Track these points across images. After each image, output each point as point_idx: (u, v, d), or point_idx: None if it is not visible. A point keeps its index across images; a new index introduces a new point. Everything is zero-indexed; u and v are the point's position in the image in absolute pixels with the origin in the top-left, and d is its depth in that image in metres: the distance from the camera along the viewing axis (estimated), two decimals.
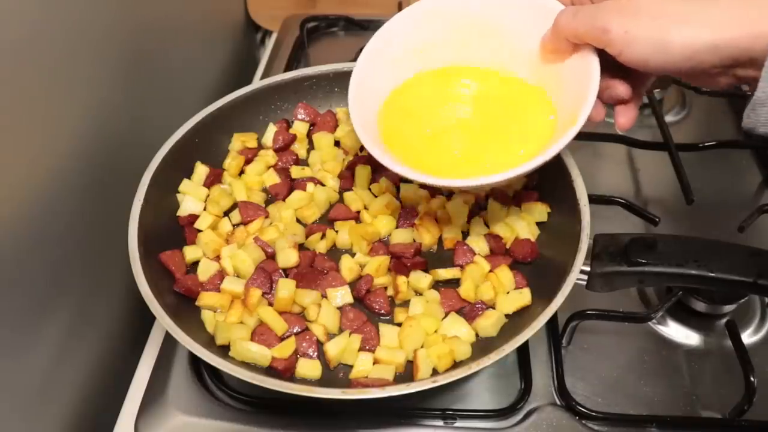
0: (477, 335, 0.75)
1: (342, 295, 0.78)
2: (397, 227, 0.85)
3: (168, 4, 1.07)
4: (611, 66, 0.64)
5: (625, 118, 0.68)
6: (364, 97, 0.76)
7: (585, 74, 0.65)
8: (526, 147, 0.71)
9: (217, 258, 0.81)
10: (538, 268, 0.81)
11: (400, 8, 1.38)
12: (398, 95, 0.78)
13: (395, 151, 0.73)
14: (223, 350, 0.72)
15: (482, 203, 0.88)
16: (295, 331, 0.75)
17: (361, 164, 0.91)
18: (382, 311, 0.77)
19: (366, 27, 1.38)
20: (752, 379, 0.73)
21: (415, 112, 0.77)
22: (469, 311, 0.77)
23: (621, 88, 0.66)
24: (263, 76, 1.27)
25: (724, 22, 0.54)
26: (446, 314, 0.76)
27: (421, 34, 0.78)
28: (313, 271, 0.80)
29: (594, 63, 0.65)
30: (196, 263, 0.81)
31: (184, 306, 0.76)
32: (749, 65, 0.56)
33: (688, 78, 0.60)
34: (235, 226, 0.85)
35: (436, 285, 0.80)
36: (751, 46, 0.53)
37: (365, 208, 0.87)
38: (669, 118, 1.17)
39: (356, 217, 0.86)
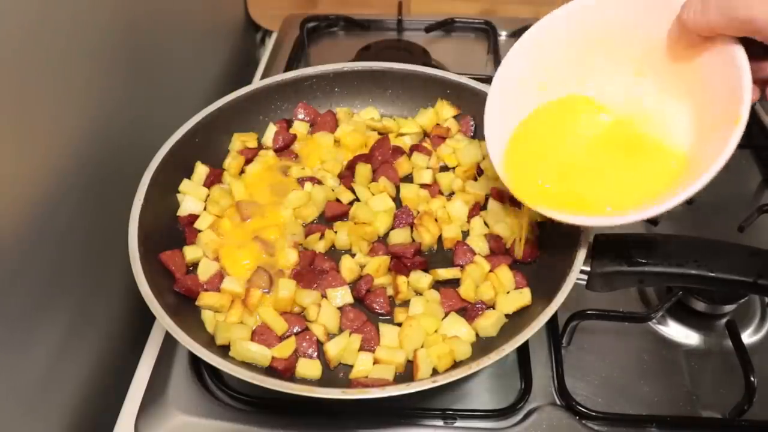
0: (477, 335, 0.75)
1: (342, 295, 0.78)
2: (393, 227, 0.85)
3: (168, 5, 1.07)
4: (755, 47, 0.57)
5: None
6: (497, 129, 0.73)
7: (730, 68, 0.59)
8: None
9: (217, 258, 0.81)
10: (538, 268, 0.81)
11: (399, 8, 1.39)
12: (524, 128, 0.74)
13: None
14: (223, 350, 0.72)
15: (482, 203, 0.88)
16: (295, 331, 0.75)
17: (361, 162, 0.91)
18: (382, 311, 0.77)
19: (366, 27, 1.38)
20: (752, 379, 0.73)
21: (540, 147, 0.72)
22: (469, 311, 0.77)
23: None
24: (263, 76, 1.27)
25: None
26: (446, 314, 0.76)
27: (543, 61, 0.72)
28: (313, 271, 0.80)
29: (739, 54, 0.58)
30: (196, 263, 0.81)
31: (184, 306, 0.76)
32: None
33: None
34: (235, 226, 0.85)
35: (436, 285, 0.80)
36: None
37: (357, 199, 0.87)
38: None
39: (348, 210, 0.87)
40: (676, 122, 0.67)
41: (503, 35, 1.37)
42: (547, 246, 0.82)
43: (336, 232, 0.85)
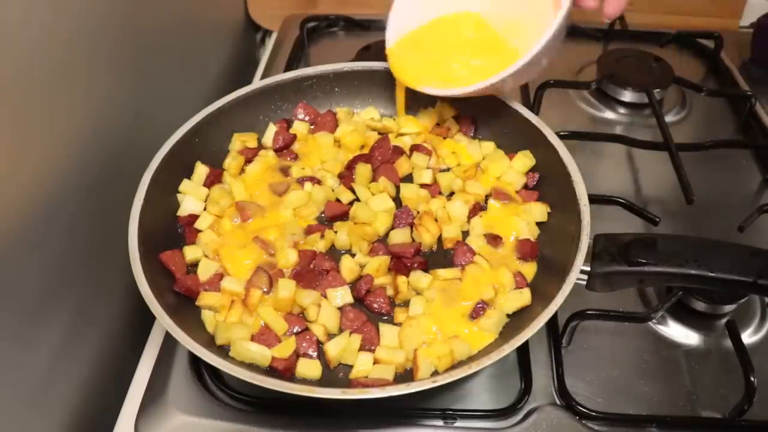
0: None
1: (342, 295, 0.78)
2: (393, 227, 0.85)
3: (168, 5, 1.07)
4: None
5: (611, 6, 0.73)
6: (400, 20, 0.92)
7: None
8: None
9: (217, 258, 0.81)
10: (538, 268, 0.81)
11: None
12: (421, 30, 0.93)
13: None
14: (223, 350, 0.72)
15: (482, 203, 0.88)
16: (295, 331, 0.75)
17: (361, 162, 0.91)
18: (382, 311, 0.77)
19: (366, 27, 1.38)
20: (752, 379, 0.73)
21: (426, 44, 0.92)
22: (469, 311, 0.77)
23: None
24: (263, 76, 1.27)
25: None
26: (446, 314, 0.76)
27: None
28: (313, 271, 0.80)
29: None
30: (196, 263, 0.81)
31: (184, 306, 0.76)
32: None
33: None
34: (235, 226, 0.85)
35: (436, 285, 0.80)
36: None
37: (357, 199, 0.88)
38: (669, 118, 1.17)
39: (348, 210, 0.87)
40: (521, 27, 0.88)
41: None
42: (547, 246, 0.82)
43: (336, 232, 0.84)
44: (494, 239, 0.83)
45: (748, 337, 0.84)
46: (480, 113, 0.97)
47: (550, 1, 0.83)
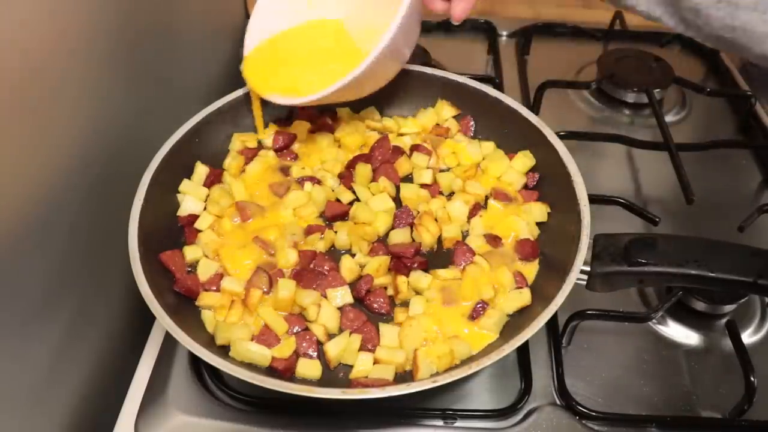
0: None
1: (342, 295, 0.78)
2: (393, 227, 0.85)
3: (168, 5, 1.07)
4: None
5: (458, 9, 0.75)
6: (259, 27, 0.93)
7: None
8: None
9: (217, 258, 0.81)
10: (538, 268, 0.81)
11: None
12: (279, 37, 0.93)
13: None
14: (223, 350, 0.72)
15: (482, 203, 0.88)
16: (295, 331, 0.75)
17: (361, 162, 0.91)
18: (382, 311, 0.77)
19: None
20: (752, 379, 0.73)
21: (281, 51, 0.92)
22: (469, 311, 0.77)
23: None
24: None
25: None
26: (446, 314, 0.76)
27: None
28: (313, 271, 0.80)
29: None
30: (196, 263, 0.81)
31: (184, 306, 0.76)
32: None
33: None
34: (235, 226, 0.85)
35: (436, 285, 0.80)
36: None
37: (357, 199, 0.88)
38: (669, 118, 1.17)
39: (348, 210, 0.87)
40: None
41: (503, 35, 1.37)
42: (547, 246, 0.82)
43: (336, 232, 0.84)
44: (494, 239, 0.83)
45: (748, 337, 0.84)
46: (480, 113, 0.97)
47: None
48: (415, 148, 0.95)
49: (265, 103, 0.91)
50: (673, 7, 0.70)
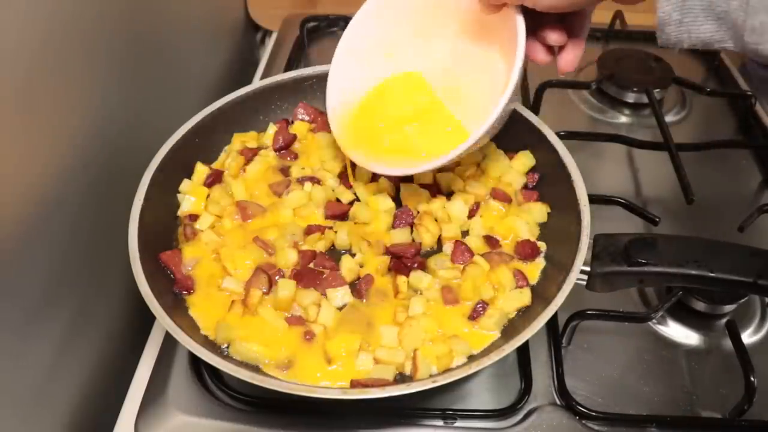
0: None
1: (342, 295, 0.78)
2: (393, 227, 0.85)
3: (168, 4, 1.07)
4: (544, 18, 0.70)
5: (564, 61, 0.73)
6: (339, 86, 0.87)
7: (513, 32, 0.71)
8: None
9: (217, 258, 0.81)
10: (542, 266, 0.81)
11: None
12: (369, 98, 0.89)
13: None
14: (223, 350, 0.72)
15: (482, 203, 0.88)
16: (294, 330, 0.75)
17: None
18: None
19: None
20: (752, 379, 0.73)
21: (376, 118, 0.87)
22: (469, 311, 0.77)
23: (553, 36, 0.71)
24: (263, 76, 1.27)
25: None
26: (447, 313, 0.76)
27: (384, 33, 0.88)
28: (313, 271, 0.80)
29: (518, 19, 0.70)
30: (196, 263, 0.81)
31: (185, 306, 0.76)
32: None
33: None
34: (235, 226, 0.85)
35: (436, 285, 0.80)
36: None
37: (357, 199, 0.88)
38: (669, 118, 1.17)
39: (348, 210, 0.87)
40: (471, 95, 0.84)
41: None
42: (547, 246, 0.82)
43: (336, 232, 0.84)
44: (494, 239, 0.83)
45: (748, 337, 0.84)
46: None
47: (498, 59, 0.79)
48: None
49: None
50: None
